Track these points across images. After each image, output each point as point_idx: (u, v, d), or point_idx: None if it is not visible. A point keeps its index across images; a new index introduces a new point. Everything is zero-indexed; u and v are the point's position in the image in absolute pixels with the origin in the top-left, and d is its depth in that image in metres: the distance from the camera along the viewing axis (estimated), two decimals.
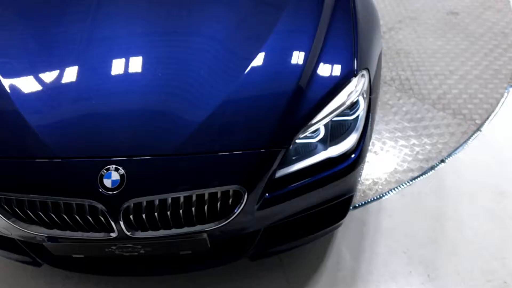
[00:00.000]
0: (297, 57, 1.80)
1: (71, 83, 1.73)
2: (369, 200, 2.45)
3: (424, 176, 2.57)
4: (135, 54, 1.80)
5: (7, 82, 1.72)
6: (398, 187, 2.51)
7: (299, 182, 1.72)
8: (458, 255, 2.21)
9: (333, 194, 1.84)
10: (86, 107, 1.68)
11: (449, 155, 2.67)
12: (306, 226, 1.93)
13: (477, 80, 3.15)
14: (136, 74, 1.76)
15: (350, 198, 1.96)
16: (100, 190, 1.56)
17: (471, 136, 2.78)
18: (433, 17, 3.75)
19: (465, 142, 2.74)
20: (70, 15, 1.91)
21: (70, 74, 1.75)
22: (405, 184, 2.53)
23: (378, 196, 2.47)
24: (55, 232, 1.67)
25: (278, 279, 2.15)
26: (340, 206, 1.94)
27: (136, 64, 1.78)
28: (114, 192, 1.56)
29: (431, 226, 2.34)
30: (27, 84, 1.73)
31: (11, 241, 1.89)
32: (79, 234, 1.66)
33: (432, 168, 2.61)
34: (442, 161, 2.64)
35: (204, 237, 1.70)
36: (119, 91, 1.71)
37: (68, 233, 1.67)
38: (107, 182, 1.57)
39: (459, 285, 2.11)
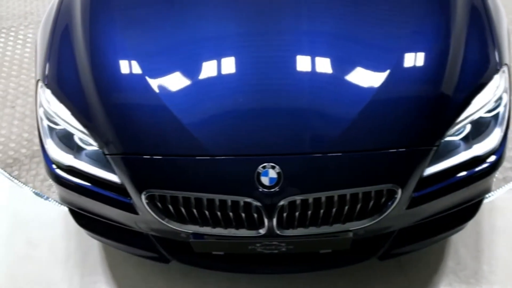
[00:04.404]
0: (440, 54, 1.75)
1: (216, 81, 1.72)
2: None
3: None
4: (278, 51, 1.77)
5: (154, 82, 1.70)
6: (508, 185, 2.46)
7: (445, 181, 1.69)
8: None
9: (474, 194, 1.80)
10: (235, 105, 1.67)
11: None
12: (437, 226, 1.89)
13: None
14: (281, 70, 1.73)
15: (483, 198, 1.92)
16: (259, 188, 1.55)
17: None
18: None
19: None
20: (205, 12, 1.89)
21: (214, 71, 1.73)
22: None
23: (489, 195, 2.41)
24: (203, 229, 1.67)
25: (399, 279, 2.11)
26: (472, 206, 1.90)
27: (280, 60, 1.75)
28: (272, 190, 1.55)
29: None
30: (173, 83, 1.72)
31: (140, 236, 1.89)
32: (227, 231, 1.66)
33: None
34: None
35: (349, 236, 1.68)
36: (266, 89, 1.69)
37: (216, 230, 1.66)
38: (265, 180, 1.55)
39: None
